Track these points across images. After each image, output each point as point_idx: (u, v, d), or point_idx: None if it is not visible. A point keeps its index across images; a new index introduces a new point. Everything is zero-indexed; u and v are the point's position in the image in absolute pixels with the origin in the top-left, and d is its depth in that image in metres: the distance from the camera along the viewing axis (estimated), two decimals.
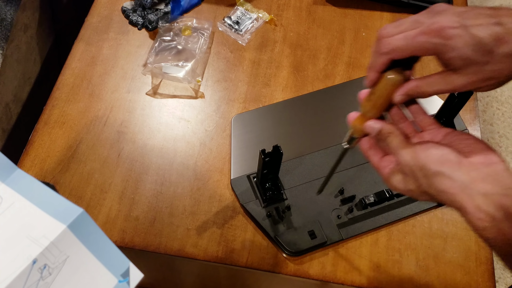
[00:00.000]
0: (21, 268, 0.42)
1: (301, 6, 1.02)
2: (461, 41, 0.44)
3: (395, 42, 0.47)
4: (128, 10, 0.98)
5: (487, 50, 0.44)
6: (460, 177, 0.44)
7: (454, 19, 0.45)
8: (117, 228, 0.75)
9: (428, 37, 0.45)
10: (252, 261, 0.74)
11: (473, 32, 0.44)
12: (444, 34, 0.45)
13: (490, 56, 0.44)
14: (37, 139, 0.83)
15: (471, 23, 0.44)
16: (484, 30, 0.44)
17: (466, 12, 0.45)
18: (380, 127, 0.50)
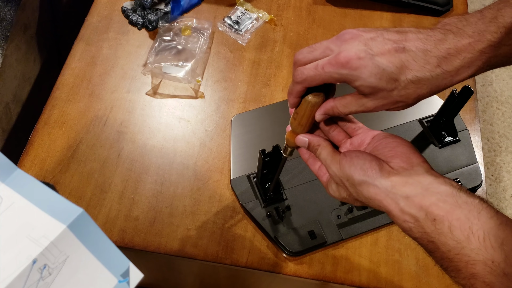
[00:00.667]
0: (21, 268, 0.42)
1: (301, 6, 1.02)
2: (367, 71, 0.46)
3: (306, 72, 0.50)
4: (128, 10, 0.98)
5: (392, 78, 0.46)
6: (383, 183, 0.47)
7: (360, 48, 0.47)
8: (117, 228, 0.75)
9: (335, 68, 0.47)
10: (252, 261, 0.74)
11: (378, 62, 0.46)
12: (350, 65, 0.47)
13: (396, 83, 0.47)
14: (37, 139, 0.83)
15: (376, 51, 0.47)
16: (388, 59, 0.46)
17: (373, 40, 0.48)
18: (307, 141, 0.54)
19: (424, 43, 0.47)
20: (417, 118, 0.85)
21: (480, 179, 0.80)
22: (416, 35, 0.47)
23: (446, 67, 0.46)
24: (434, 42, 0.46)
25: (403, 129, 0.84)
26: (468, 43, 0.46)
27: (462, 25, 0.47)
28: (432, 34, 0.47)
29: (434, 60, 0.46)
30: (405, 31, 0.48)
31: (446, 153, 0.82)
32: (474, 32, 0.46)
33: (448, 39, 0.46)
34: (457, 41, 0.46)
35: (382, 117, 0.86)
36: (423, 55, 0.46)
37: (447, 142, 0.83)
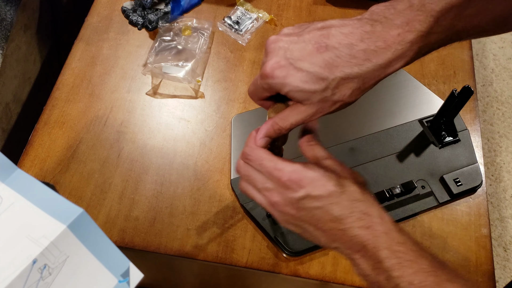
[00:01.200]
0: (21, 268, 0.42)
1: (301, 6, 1.02)
2: (292, 78, 0.46)
3: (251, 88, 0.52)
4: (128, 10, 0.98)
5: (319, 78, 0.46)
6: None
7: (280, 57, 0.47)
8: (117, 228, 0.75)
9: (263, 79, 0.48)
10: (252, 261, 0.74)
11: (300, 66, 0.46)
12: (273, 74, 0.47)
13: (325, 82, 0.46)
14: (37, 139, 0.83)
15: (297, 56, 0.46)
16: (311, 61, 0.46)
17: (294, 43, 0.47)
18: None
19: (349, 37, 0.46)
20: (417, 118, 0.85)
21: (480, 179, 0.80)
22: (340, 29, 0.46)
23: (376, 60, 0.45)
24: (360, 35, 0.45)
25: (403, 129, 0.84)
26: (397, 34, 0.45)
27: (390, 14, 0.45)
28: (358, 25, 0.46)
29: (361, 54, 0.45)
30: (329, 25, 0.47)
31: (446, 153, 0.82)
32: (403, 22, 0.45)
33: (376, 30, 0.45)
34: (386, 32, 0.45)
35: (382, 118, 0.86)
36: (347, 50, 0.45)
37: (447, 142, 0.83)
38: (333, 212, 0.49)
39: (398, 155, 0.82)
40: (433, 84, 0.92)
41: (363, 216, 0.49)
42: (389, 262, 0.47)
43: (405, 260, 0.47)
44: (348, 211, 0.49)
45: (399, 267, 0.46)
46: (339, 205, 0.49)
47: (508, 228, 1.48)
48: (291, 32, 0.49)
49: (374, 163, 0.80)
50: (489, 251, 0.75)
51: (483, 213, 0.78)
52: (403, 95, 0.89)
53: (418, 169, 0.80)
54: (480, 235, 0.76)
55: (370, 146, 0.82)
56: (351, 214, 0.49)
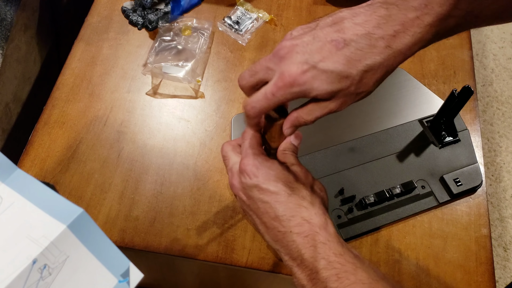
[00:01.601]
0: (21, 268, 0.42)
1: (301, 6, 1.02)
2: (317, 81, 0.45)
3: (259, 105, 0.49)
4: (128, 10, 0.98)
5: (343, 76, 0.45)
6: None
7: (300, 61, 0.45)
8: (117, 228, 0.75)
9: (285, 90, 0.46)
10: (252, 261, 0.74)
11: (323, 68, 0.45)
12: (298, 82, 0.46)
13: (349, 80, 0.45)
14: (37, 139, 0.83)
15: (318, 58, 0.45)
16: (333, 61, 0.45)
17: (310, 44, 0.46)
18: None
19: (364, 26, 0.44)
20: (417, 118, 0.85)
21: (480, 179, 0.80)
22: (353, 20, 0.45)
23: (396, 46, 0.44)
24: (376, 22, 0.44)
25: (403, 129, 0.84)
26: (416, 16, 0.43)
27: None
28: (371, 11, 0.45)
29: (380, 42, 0.44)
30: (340, 19, 0.46)
31: (446, 153, 0.82)
32: (420, 4, 0.43)
33: (392, 14, 0.44)
34: (403, 15, 0.43)
35: (381, 118, 0.86)
36: (367, 41, 0.44)
37: (447, 142, 0.83)
38: (276, 211, 0.50)
39: (398, 155, 0.82)
40: (433, 84, 0.92)
41: (303, 223, 0.49)
42: (326, 273, 0.46)
43: (342, 271, 0.46)
44: (290, 214, 0.49)
45: (336, 278, 0.46)
46: (283, 205, 0.50)
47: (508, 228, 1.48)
48: (301, 33, 0.48)
49: (374, 163, 0.80)
50: (489, 251, 0.75)
51: (483, 213, 0.78)
52: (403, 95, 0.89)
53: (418, 169, 0.80)
54: (480, 235, 0.77)
55: (370, 146, 0.82)
56: (292, 217, 0.49)
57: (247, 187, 0.52)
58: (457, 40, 0.97)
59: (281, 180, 0.51)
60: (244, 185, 0.53)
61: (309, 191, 0.52)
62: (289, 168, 0.55)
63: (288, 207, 0.50)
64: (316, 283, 0.47)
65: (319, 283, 0.46)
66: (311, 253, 0.47)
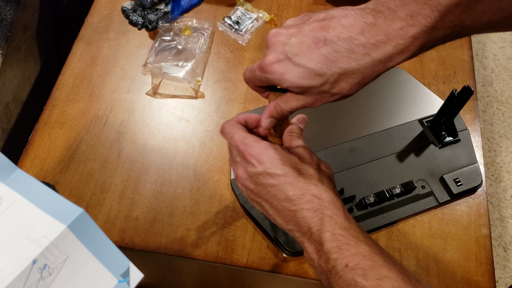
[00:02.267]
0: (21, 268, 0.42)
1: (301, 6, 1.02)
2: (289, 73, 0.46)
3: (247, 74, 0.52)
4: (128, 10, 0.98)
5: (316, 74, 0.45)
6: None
7: (279, 51, 0.47)
8: (117, 228, 0.75)
9: (262, 72, 0.49)
10: (252, 261, 0.74)
11: (298, 62, 0.46)
12: (272, 69, 0.47)
13: (322, 78, 0.46)
14: (37, 139, 0.83)
15: (296, 51, 0.46)
16: (309, 57, 0.45)
17: (293, 36, 0.47)
18: None
19: (348, 30, 0.44)
20: (417, 118, 0.85)
21: (480, 179, 0.80)
22: (340, 21, 0.45)
23: (375, 55, 0.44)
24: (361, 28, 0.44)
25: (403, 129, 0.84)
26: (400, 27, 0.43)
27: (394, 6, 0.43)
28: (360, 16, 0.45)
29: (360, 49, 0.44)
30: (330, 16, 0.46)
31: (446, 153, 0.82)
32: (407, 15, 0.43)
33: (378, 23, 0.44)
34: (388, 25, 0.43)
35: (381, 118, 0.86)
36: (346, 45, 0.44)
37: (447, 142, 0.83)
38: (287, 192, 0.51)
39: (398, 155, 0.82)
40: (433, 84, 0.92)
41: (313, 199, 0.50)
42: (330, 244, 0.48)
43: (344, 243, 0.48)
44: (300, 193, 0.51)
45: (337, 250, 0.47)
46: (293, 186, 0.51)
47: (508, 228, 1.48)
48: (292, 23, 0.49)
49: (374, 163, 0.80)
50: (489, 251, 0.75)
51: (483, 213, 0.78)
52: (403, 95, 0.89)
53: (418, 169, 0.80)
54: (480, 235, 0.77)
55: (370, 146, 0.82)
56: (303, 195, 0.50)
57: (254, 175, 0.53)
58: (457, 40, 0.97)
59: (287, 163, 0.52)
60: (250, 174, 0.53)
61: (316, 170, 0.53)
62: (294, 150, 0.56)
63: (297, 187, 0.51)
64: (321, 255, 0.48)
65: (323, 255, 0.48)
66: (319, 226, 0.49)
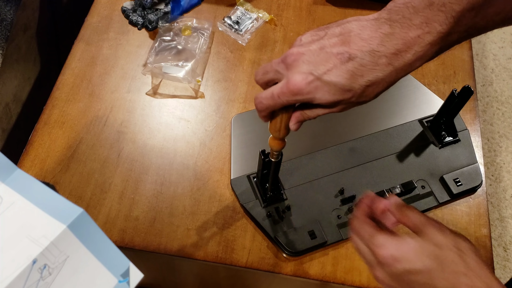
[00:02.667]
0: (21, 268, 0.42)
1: (301, 6, 1.02)
2: (319, 92, 0.47)
3: (266, 102, 0.51)
4: (128, 10, 0.98)
5: (345, 89, 0.47)
6: None
7: (306, 71, 0.47)
8: (117, 228, 0.75)
9: (290, 96, 0.49)
10: (252, 261, 0.74)
11: (327, 80, 0.46)
12: (302, 91, 0.48)
13: (351, 92, 0.47)
14: (37, 139, 0.83)
15: (322, 70, 0.47)
16: (336, 74, 0.46)
17: (316, 55, 0.47)
18: None
19: (369, 42, 0.45)
20: (417, 118, 0.85)
21: (480, 179, 0.80)
22: (360, 34, 0.46)
23: (397, 64, 0.46)
24: (380, 39, 0.45)
25: (403, 129, 0.84)
26: (417, 35, 0.44)
27: (409, 14, 0.45)
28: (377, 27, 0.46)
29: (383, 60, 0.45)
30: (348, 31, 0.47)
31: (446, 153, 0.82)
32: (422, 22, 0.44)
33: (395, 32, 0.45)
34: (405, 33, 0.45)
35: (381, 118, 0.86)
36: (370, 58, 0.45)
37: (447, 142, 0.83)
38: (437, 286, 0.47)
39: (398, 155, 0.82)
40: (433, 84, 0.92)
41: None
42: None
43: None
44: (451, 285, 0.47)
45: None
46: (441, 279, 0.47)
47: (508, 228, 1.48)
48: (310, 40, 0.49)
49: (374, 163, 0.80)
50: (489, 251, 0.75)
51: (483, 213, 0.78)
52: (403, 95, 0.89)
53: (418, 169, 0.80)
54: (480, 235, 0.76)
55: (370, 146, 0.82)
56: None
57: (396, 275, 0.49)
58: None
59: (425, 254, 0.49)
60: (391, 274, 0.50)
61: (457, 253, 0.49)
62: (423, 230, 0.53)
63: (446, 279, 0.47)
64: None
65: None
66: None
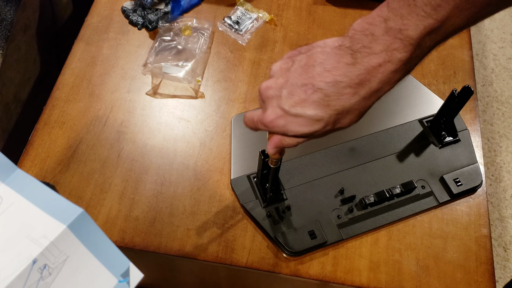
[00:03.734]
0: (21, 268, 0.42)
1: (301, 6, 1.02)
2: (291, 125, 0.49)
3: (249, 124, 0.55)
4: (128, 10, 0.98)
5: (316, 120, 0.48)
6: None
7: (275, 106, 0.50)
8: (117, 228, 0.75)
9: (266, 128, 0.52)
10: (252, 261, 0.74)
11: (295, 113, 0.48)
12: (275, 125, 0.50)
13: (323, 122, 0.48)
14: (37, 139, 0.83)
15: (290, 103, 0.48)
16: (304, 106, 0.48)
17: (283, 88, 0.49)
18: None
19: (333, 73, 0.46)
20: (417, 118, 0.85)
21: (480, 179, 0.80)
22: (323, 65, 0.46)
23: (363, 92, 0.46)
24: (343, 70, 0.45)
25: (403, 129, 0.84)
26: (379, 64, 0.44)
27: (368, 42, 0.44)
28: (340, 56, 0.46)
29: (347, 90, 0.46)
30: (313, 60, 0.47)
31: (446, 153, 0.82)
32: (382, 51, 0.44)
33: (357, 62, 0.45)
34: (367, 63, 0.44)
35: (381, 118, 0.86)
36: (334, 89, 0.46)
37: (447, 142, 0.83)
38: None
39: (398, 155, 0.82)
40: (433, 84, 0.92)
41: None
42: None
43: None
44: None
45: None
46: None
47: (508, 228, 1.48)
48: (277, 71, 0.51)
49: (374, 163, 0.80)
50: (489, 251, 0.75)
51: (483, 213, 0.78)
52: (403, 95, 0.89)
53: (418, 169, 0.80)
54: (480, 235, 0.77)
55: (370, 146, 0.82)
56: None
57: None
58: (457, 40, 0.97)
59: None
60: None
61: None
62: None
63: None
64: None
65: None
66: None
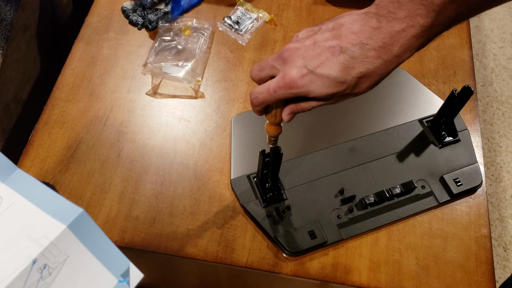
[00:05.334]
0: (21, 268, 0.42)
1: (301, 6, 1.02)
2: (314, 85, 0.49)
3: (262, 97, 0.53)
4: (128, 10, 0.98)
5: (339, 82, 0.49)
6: None
7: (300, 65, 0.49)
8: (117, 228, 0.75)
9: (285, 90, 0.51)
10: (252, 261, 0.74)
11: (320, 73, 0.49)
12: (297, 85, 0.50)
13: (345, 85, 0.49)
14: (37, 139, 0.83)
15: (316, 63, 0.49)
16: (329, 67, 0.48)
17: (310, 49, 0.49)
18: None
19: (359, 36, 0.48)
20: (417, 118, 0.85)
21: (480, 179, 0.80)
22: (350, 28, 0.48)
23: (386, 56, 0.48)
24: (369, 33, 0.47)
25: (403, 129, 0.84)
26: (402, 29, 0.47)
27: (393, 8, 0.47)
28: (366, 21, 0.48)
29: (372, 53, 0.47)
30: (340, 25, 0.49)
31: (446, 153, 0.82)
32: (406, 16, 0.46)
33: (381, 26, 0.47)
34: (391, 27, 0.47)
35: (381, 118, 0.86)
36: (360, 51, 0.47)
37: (447, 142, 0.83)
38: None
39: (398, 155, 0.82)
40: (433, 84, 0.92)
41: None
42: None
43: None
44: None
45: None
46: None
47: (508, 228, 1.48)
48: (305, 36, 0.51)
49: (374, 163, 0.80)
50: (489, 251, 0.75)
51: (483, 213, 0.78)
52: (403, 95, 0.89)
53: (418, 169, 0.80)
54: (480, 235, 0.77)
55: (370, 146, 0.82)
56: None
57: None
58: (457, 40, 0.97)
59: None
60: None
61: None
62: None
63: None
64: None
65: None
66: None
